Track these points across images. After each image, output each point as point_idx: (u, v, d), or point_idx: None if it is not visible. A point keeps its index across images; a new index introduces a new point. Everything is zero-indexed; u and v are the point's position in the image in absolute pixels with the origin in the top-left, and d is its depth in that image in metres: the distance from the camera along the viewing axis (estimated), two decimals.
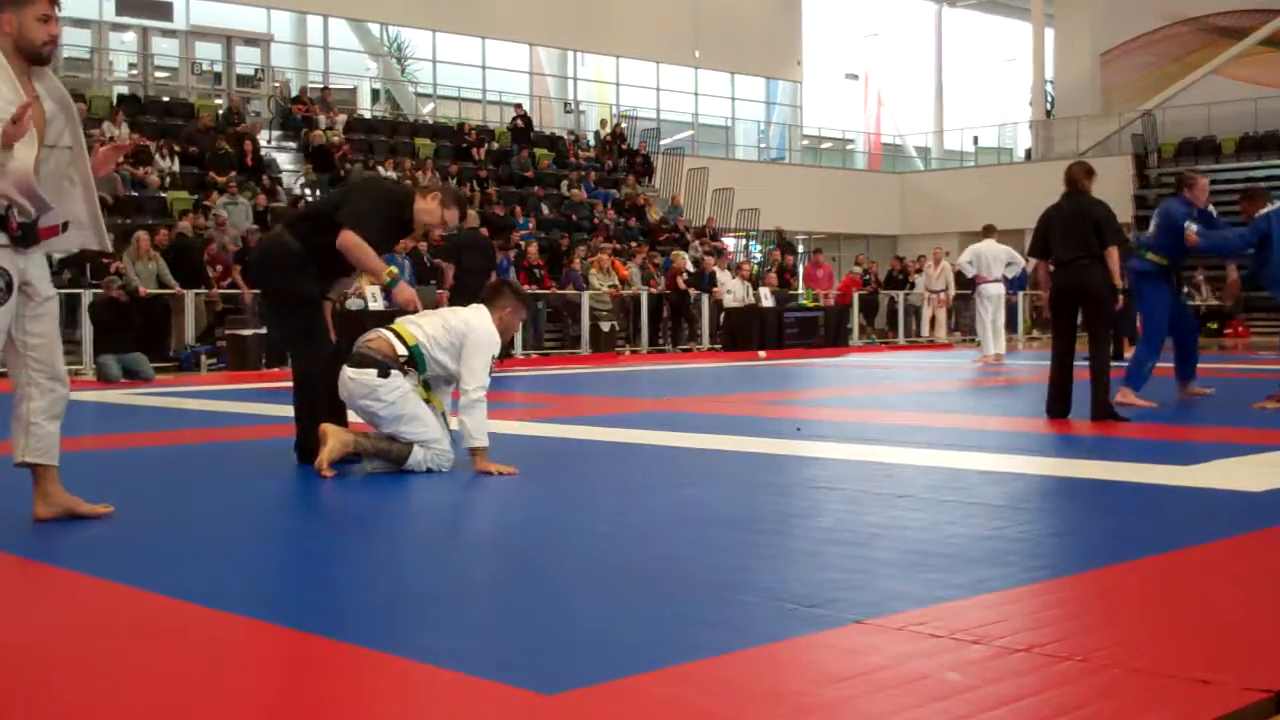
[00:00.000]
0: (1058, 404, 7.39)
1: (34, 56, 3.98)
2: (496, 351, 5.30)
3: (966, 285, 21.63)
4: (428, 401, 5.30)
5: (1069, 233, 7.26)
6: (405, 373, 5.21)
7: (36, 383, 3.99)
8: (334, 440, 5.18)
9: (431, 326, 5.29)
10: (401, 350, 5.22)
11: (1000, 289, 14.69)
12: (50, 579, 3.35)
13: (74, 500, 4.15)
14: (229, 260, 15.32)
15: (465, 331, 5.22)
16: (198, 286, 14.60)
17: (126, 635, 2.78)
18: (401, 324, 5.33)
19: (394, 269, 5.49)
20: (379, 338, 5.28)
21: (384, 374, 5.15)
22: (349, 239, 5.29)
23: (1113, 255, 7.13)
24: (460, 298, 10.00)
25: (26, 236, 3.90)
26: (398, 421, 5.19)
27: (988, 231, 14.89)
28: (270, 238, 6.03)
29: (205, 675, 2.46)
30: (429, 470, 5.21)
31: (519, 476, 5.12)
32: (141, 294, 13.28)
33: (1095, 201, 7.34)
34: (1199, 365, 8.93)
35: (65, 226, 4.08)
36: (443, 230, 5.78)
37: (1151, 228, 8.52)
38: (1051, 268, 7.49)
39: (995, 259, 14.52)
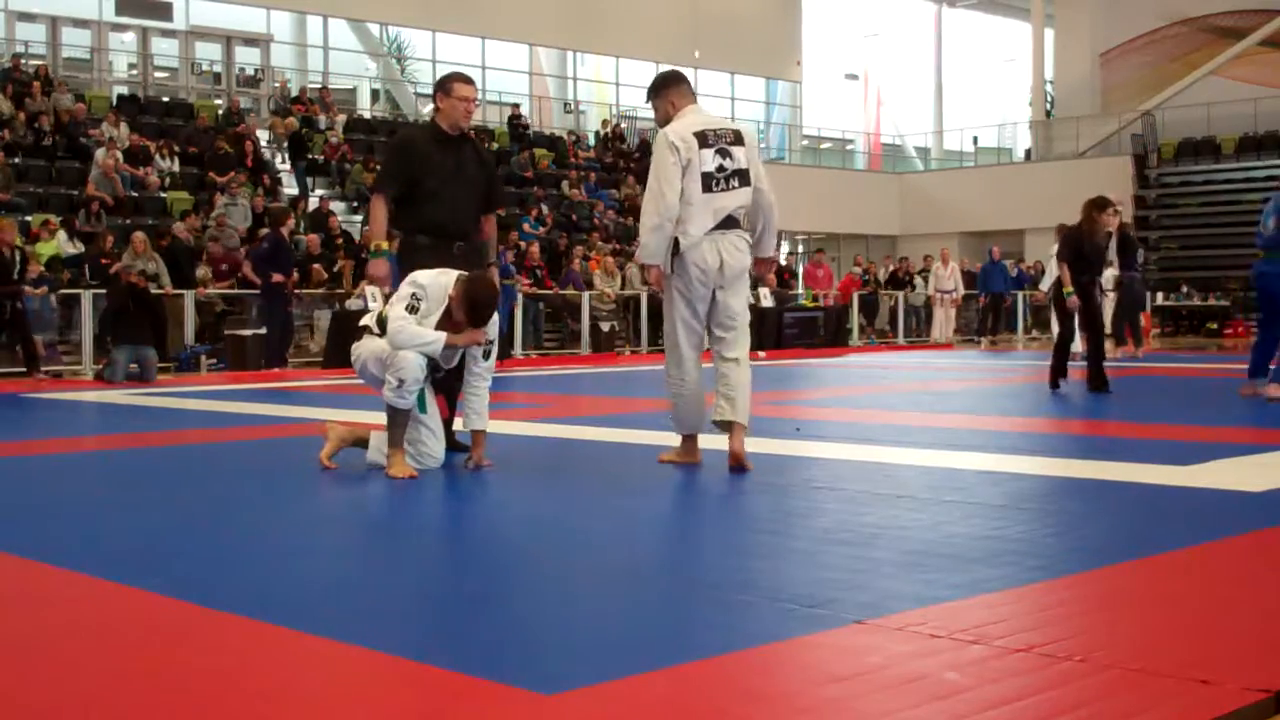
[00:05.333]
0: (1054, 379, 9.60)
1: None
2: (415, 291, 5.13)
3: (971, 286, 21.79)
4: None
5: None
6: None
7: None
8: (334, 437, 5.37)
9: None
10: (370, 321, 5.34)
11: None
12: (51, 579, 3.35)
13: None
14: (238, 259, 15.33)
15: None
16: (188, 288, 14.59)
17: (127, 635, 2.78)
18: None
19: (383, 244, 5.58)
20: (371, 315, 5.43)
21: (360, 339, 5.35)
22: (371, 203, 5.78)
23: (1063, 269, 9.33)
24: None
25: None
26: (362, 372, 5.33)
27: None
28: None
29: (205, 675, 2.46)
30: (394, 401, 5.13)
31: (518, 476, 5.13)
32: (142, 285, 13.21)
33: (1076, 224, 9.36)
34: (1199, 366, 8.95)
35: None
36: (469, 117, 5.86)
37: (1270, 225, 8.58)
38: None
39: None
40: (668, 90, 5.48)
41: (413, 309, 5.08)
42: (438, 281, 5.14)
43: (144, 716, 2.23)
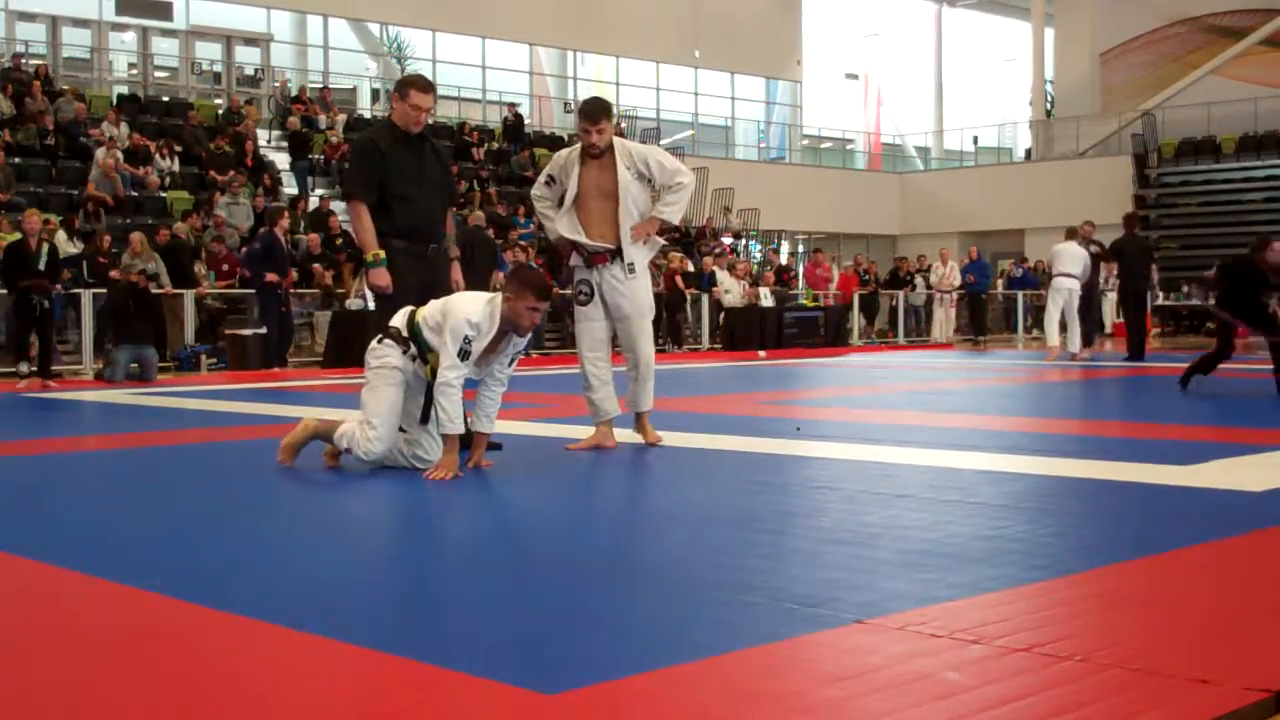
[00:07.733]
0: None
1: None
2: (468, 334, 5.00)
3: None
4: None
5: None
6: (405, 349, 5.17)
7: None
8: (299, 429, 5.42)
9: (432, 306, 5.23)
10: (399, 323, 5.22)
11: (1072, 283, 14.65)
12: (50, 579, 3.35)
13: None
14: (236, 259, 15.33)
15: (447, 312, 5.10)
16: (189, 287, 14.58)
17: (127, 635, 2.78)
18: (424, 307, 5.30)
19: (380, 253, 5.55)
20: (404, 313, 5.32)
21: (379, 341, 5.23)
22: (349, 209, 5.73)
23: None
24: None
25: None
26: (365, 386, 5.23)
27: (1071, 234, 14.99)
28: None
29: (204, 675, 2.46)
30: (347, 450, 5.18)
31: (518, 476, 5.12)
32: (142, 284, 13.16)
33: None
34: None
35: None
36: (428, 116, 5.89)
37: None
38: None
39: (1073, 257, 14.61)
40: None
41: (465, 354, 5.02)
42: (485, 311, 5.06)
43: (142, 716, 2.23)
